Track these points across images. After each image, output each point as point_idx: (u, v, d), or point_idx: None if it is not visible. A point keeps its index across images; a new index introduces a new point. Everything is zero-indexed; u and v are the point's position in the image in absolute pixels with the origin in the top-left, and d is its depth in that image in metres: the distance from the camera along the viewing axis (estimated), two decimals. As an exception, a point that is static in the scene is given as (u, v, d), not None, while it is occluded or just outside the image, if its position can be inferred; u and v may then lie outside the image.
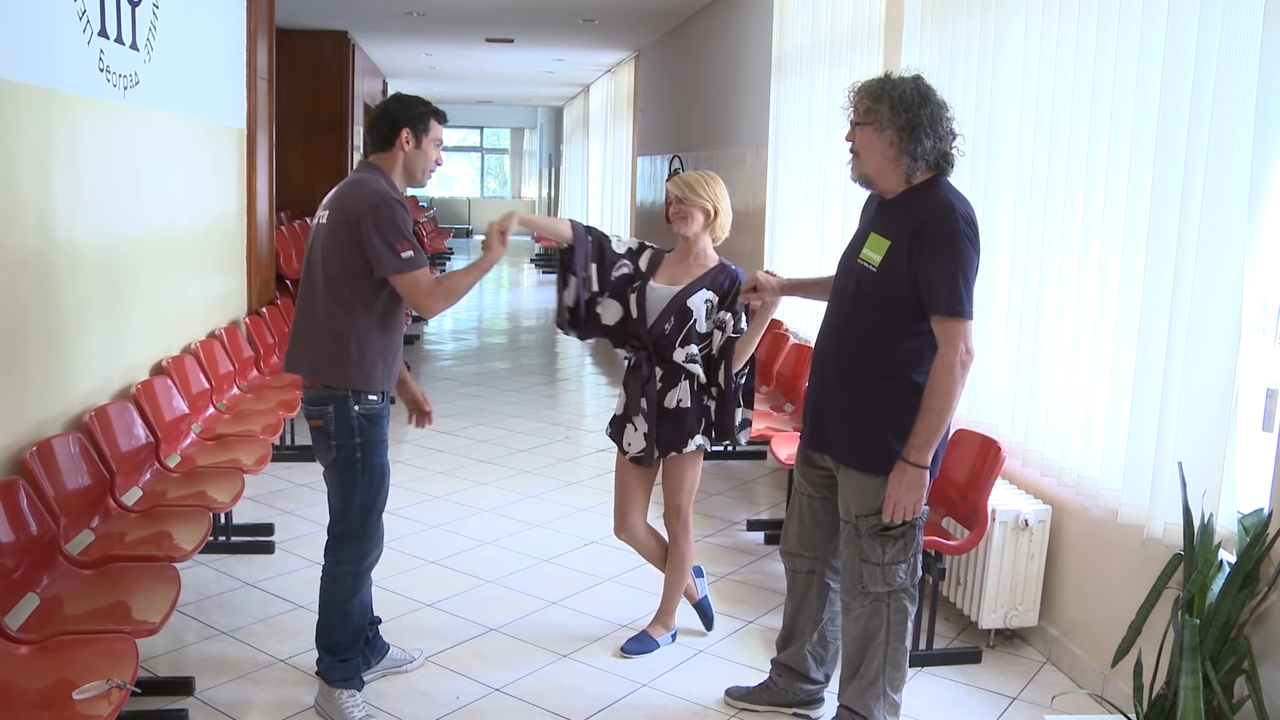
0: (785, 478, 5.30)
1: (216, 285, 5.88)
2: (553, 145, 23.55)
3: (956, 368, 2.61)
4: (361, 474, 3.12)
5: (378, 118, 3.16)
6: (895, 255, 2.68)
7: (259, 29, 6.66)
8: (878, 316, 2.74)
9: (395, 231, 2.99)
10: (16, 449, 3.32)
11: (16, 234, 3.39)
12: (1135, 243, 3.12)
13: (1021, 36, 3.74)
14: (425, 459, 6.01)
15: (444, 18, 10.26)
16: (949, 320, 2.62)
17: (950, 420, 2.71)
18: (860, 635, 2.88)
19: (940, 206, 2.66)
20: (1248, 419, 2.82)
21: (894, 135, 2.67)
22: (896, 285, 2.68)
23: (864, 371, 2.78)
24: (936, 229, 2.63)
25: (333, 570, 3.19)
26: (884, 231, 2.73)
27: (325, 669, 3.18)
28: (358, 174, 3.17)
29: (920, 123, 2.64)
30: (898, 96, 2.66)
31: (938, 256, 2.61)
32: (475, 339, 10.95)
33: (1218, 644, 2.54)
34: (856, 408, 2.79)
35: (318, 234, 3.12)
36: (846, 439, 2.83)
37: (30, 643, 2.71)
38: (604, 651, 3.66)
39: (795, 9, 6.45)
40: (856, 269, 2.79)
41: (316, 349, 3.08)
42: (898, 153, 2.68)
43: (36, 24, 3.48)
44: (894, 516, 2.73)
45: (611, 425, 3.59)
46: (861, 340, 2.78)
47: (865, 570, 2.82)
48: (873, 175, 2.77)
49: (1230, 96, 2.72)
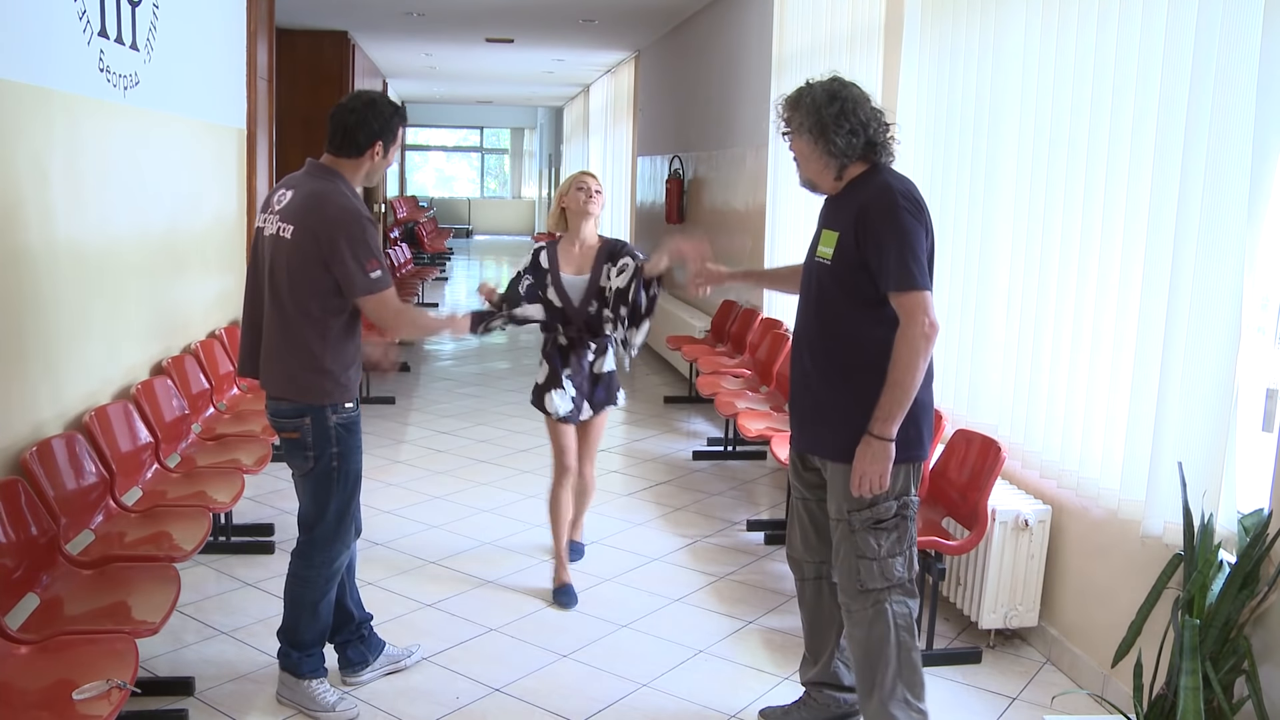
0: (785, 478, 5.30)
1: (216, 285, 5.88)
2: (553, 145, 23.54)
3: (918, 340, 2.63)
4: (338, 481, 3.10)
5: (354, 125, 3.02)
6: (844, 245, 2.75)
7: (259, 29, 6.66)
8: (841, 310, 2.79)
9: (366, 251, 2.94)
10: (16, 449, 3.32)
11: (16, 234, 3.39)
12: (1135, 243, 3.12)
13: (1021, 37, 3.74)
14: (425, 459, 6.01)
15: (444, 18, 10.26)
16: (904, 295, 2.65)
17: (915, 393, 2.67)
18: (866, 641, 2.82)
19: (877, 189, 2.73)
20: (1248, 419, 2.82)
21: (809, 137, 2.78)
22: (851, 273, 2.73)
23: (837, 366, 2.81)
24: (876, 209, 2.69)
25: (304, 574, 3.18)
26: (832, 225, 2.81)
27: (294, 663, 3.20)
28: (317, 182, 3.03)
29: (826, 121, 2.72)
30: (809, 101, 2.76)
31: (882, 235, 2.67)
32: (475, 339, 10.95)
33: (1218, 644, 2.54)
34: (834, 402, 2.81)
35: (278, 247, 2.99)
36: (828, 434, 2.84)
37: (30, 643, 2.70)
38: (604, 651, 3.66)
39: (795, 9, 6.45)
40: (815, 266, 2.86)
41: (291, 367, 3.03)
42: (820, 153, 2.78)
43: (36, 24, 3.48)
44: (861, 489, 2.72)
45: (534, 394, 4.08)
46: (830, 335, 2.82)
47: (862, 566, 2.79)
48: (812, 178, 2.88)
49: (1230, 96, 2.72)
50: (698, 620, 3.91)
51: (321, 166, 3.09)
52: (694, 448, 6.36)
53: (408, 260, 13.30)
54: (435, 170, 27.57)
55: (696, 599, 4.12)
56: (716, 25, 8.62)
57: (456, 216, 25.08)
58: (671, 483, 5.69)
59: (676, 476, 5.81)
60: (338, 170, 3.07)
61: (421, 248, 16.83)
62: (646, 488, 5.59)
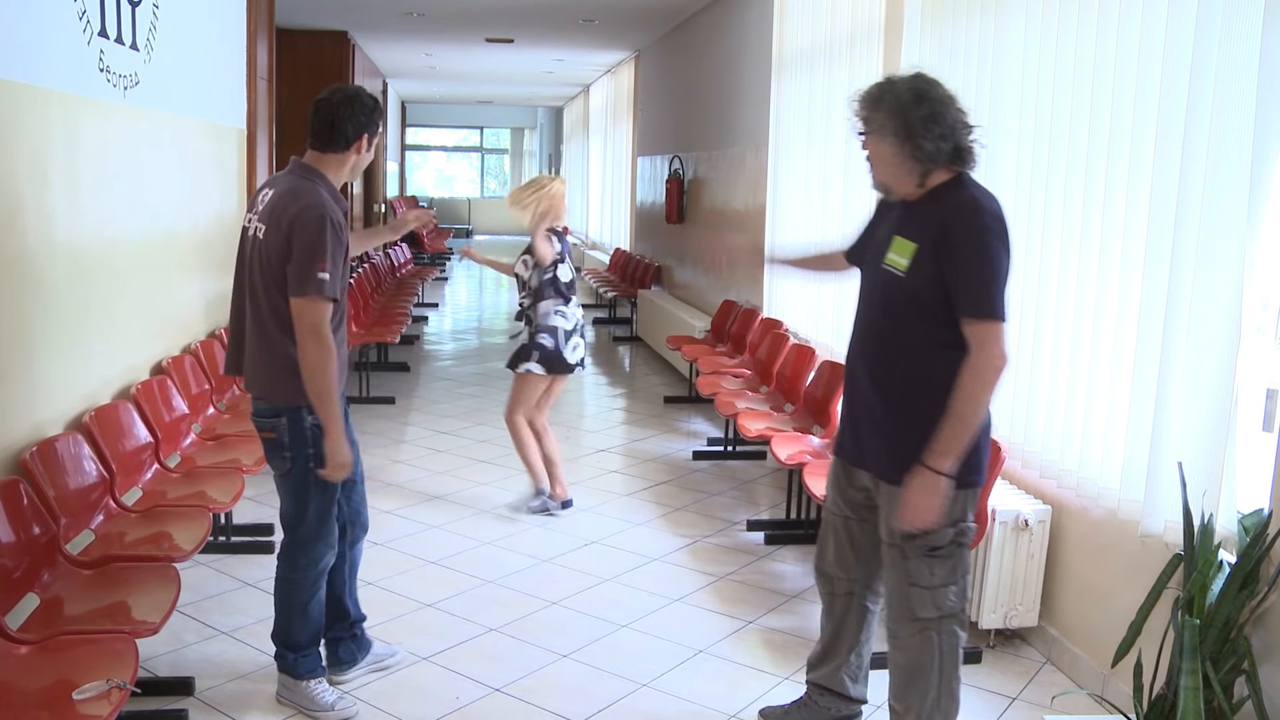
0: (785, 478, 5.31)
1: (216, 285, 5.87)
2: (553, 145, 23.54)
3: (988, 372, 2.48)
4: (315, 483, 3.08)
5: (342, 119, 2.98)
6: (923, 259, 2.56)
7: (259, 29, 6.66)
8: (910, 324, 2.61)
9: (319, 252, 2.84)
10: (16, 449, 3.32)
11: (16, 234, 3.39)
12: (1135, 243, 3.12)
13: (1021, 37, 3.74)
14: (425, 459, 6.01)
15: (444, 18, 10.26)
16: (979, 323, 2.49)
17: (979, 427, 2.55)
18: (909, 666, 2.71)
19: (966, 205, 2.55)
20: (1248, 419, 2.81)
21: (893, 140, 2.57)
22: (926, 289, 2.56)
23: (899, 382, 2.64)
24: (963, 229, 2.52)
25: (289, 576, 3.18)
26: (909, 234, 2.61)
27: (290, 665, 3.20)
28: (295, 181, 2.99)
29: (914, 124, 2.53)
30: (893, 101, 2.57)
31: (966, 257, 2.50)
32: (475, 339, 10.94)
33: (1218, 644, 2.54)
34: (894, 421, 2.65)
35: (255, 248, 2.95)
36: (886, 455, 2.66)
37: (30, 643, 2.70)
38: (604, 651, 3.66)
39: (795, 9, 6.45)
40: (882, 275, 2.66)
41: (268, 368, 3.00)
42: (903, 157, 2.58)
43: (36, 24, 3.48)
44: (909, 523, 2.57)
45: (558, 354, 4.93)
46: (894, 349, 2.65)
47: (914, 594, 2.65)
48: (888, 182, 2.67)
49: (1230, 96, 2.72)
50: (698, 620, 3.91)
51: (304, 165, 3.04)
52: (694, 448, 6.36)
53: (408, 260, 13.30)
54: (435, 170, 27.58)
55: (696, 599, 4.12)
56: (716, 25, 8.62)
57: (456, 216, 25.08)
58: (671, 483, 5.69)
59: (676, 476, 5.81)
60: (319, 168, 3.02)
61: (421, 248, 16.83)
62: (646, 488, 5.59)
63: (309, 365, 2.89)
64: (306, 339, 2.89)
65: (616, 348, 10.35)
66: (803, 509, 4.92)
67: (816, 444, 4.78)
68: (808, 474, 4.29)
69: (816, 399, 5.23)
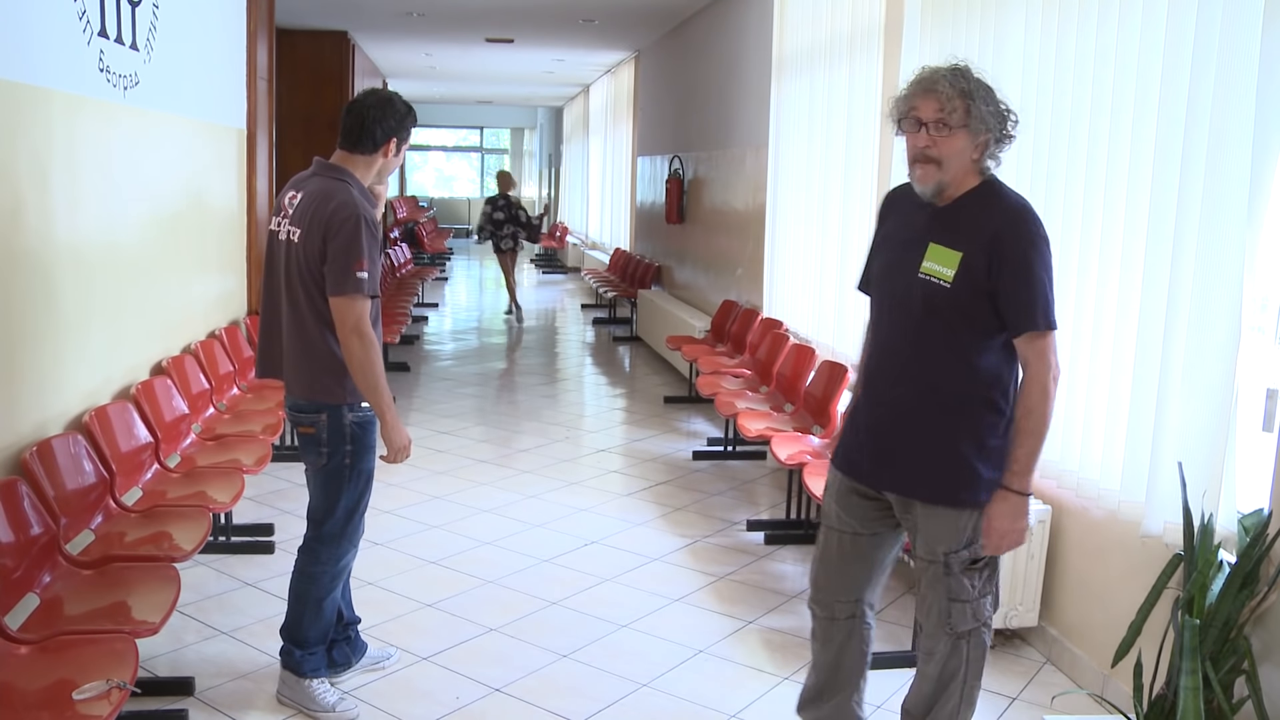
0: (785, 478, 5.31)
1: (217, 285, 5.88)
2: (553, 145, 23.52)
3: (1050, 385, 2.40)
4: (349, 479, 3.13)
5: (373, 121, 3.03)
6: (972, 269, 2.40)
7: (259, 29, 6.66)
8: (953, 334, 2.46)
9: (357, 250, 2.89)
10: (16, 449, 3.32)
11: (16, 234, 3.39)
12: (1135, 243, 3.12)
13: (1021, 37, 3.74)
14: (425, 459, 6.01)
15: (444, 18, 10.26)
16: (1042, 336, 2.40)
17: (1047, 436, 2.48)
18: (938, 676, 2.65)
19: (1014, 213, 2.43)
20: (1248, 419, 2.81)
21: (985, 137, 2.41)
22: (974, 299, 2.42)
23: (941, 394, 2.50)
24: (1019, 239, 2.39)
25: (310, 570, 3.19)
26: (950, 242, 2.44)
27: (295, 661, 3.20)
28: (325, 181, 3.03)
29: (1005, 120, 2.43)
30: (983, 94, 2.39)
31: (1024, 268, 2.38)
32: (475, 339, 10.94)
33: (1218, 644, 2.54)
34: (935, 435, 2.51)
35: (290, 252, 2.99)
36: (925, 471, 2.53)
37: (30, 643, 2.70)
38: (604, 651, 3.66)
39: (795, 9, 6.45)
40: (920, 284, 2.47)
41: (312, 370, 3.03)
42: (983, 156, 2.44)
43: (36, 24, 3.48)
44: (1000, 550, 2.49)
45: None
46: (935, 361, 2.49)
47: (954, 609, 2.57)
48: (950, 183, 2.46)
49: (1230, 96, 2.72)
50: (698, 620, 3.91)
51: (330, 165, 3.08)
52: (694, 448, 6.36)
53: (408, 260, 13.30)
54: (435, 170, 27.56)
55: (696, 599, 4.13)
56: (716, 25, 8.62)
57: (456, 216, 25.08)
58: (671, 483, 5.69)
59: (676, 476, 5.81)
60: (348, 168, 3.06)
61: (421, 248, 16.84)
62: (646, 488, 5.59)
63: (356, 362, 2.95)
64: (350, 337, 2.94)
65: (616, 348, 10.35)
66: (803, 509, 4.92)
67: (816, 444, 4.78)
68: (808, 474, 4.30)
69: (816, 399, 5.23)
